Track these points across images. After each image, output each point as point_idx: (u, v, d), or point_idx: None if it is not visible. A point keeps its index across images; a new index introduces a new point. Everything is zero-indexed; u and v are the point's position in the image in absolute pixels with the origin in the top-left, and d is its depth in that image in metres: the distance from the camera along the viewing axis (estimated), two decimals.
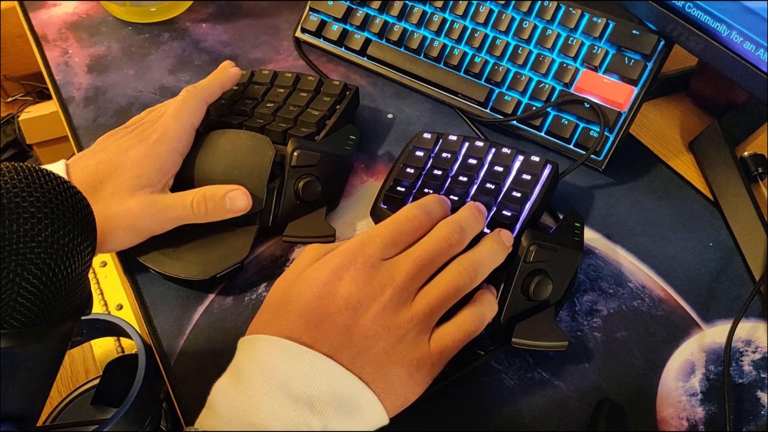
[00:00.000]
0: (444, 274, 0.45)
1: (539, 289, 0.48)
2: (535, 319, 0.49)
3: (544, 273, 0.49)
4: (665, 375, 0.49)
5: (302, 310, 0.41)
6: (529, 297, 0.49)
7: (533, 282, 0.49)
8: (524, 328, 0.48)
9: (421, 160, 0.57)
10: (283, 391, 0.38)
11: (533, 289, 0.48)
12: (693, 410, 0.48)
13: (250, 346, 0.41)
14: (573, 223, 0.53)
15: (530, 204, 0.53)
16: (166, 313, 0.54)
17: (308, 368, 0.39)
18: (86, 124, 0.69)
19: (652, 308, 0.53)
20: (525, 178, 0.54)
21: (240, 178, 0.55)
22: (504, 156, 0.56)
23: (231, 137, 0.58)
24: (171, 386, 0.51)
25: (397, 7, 0.68)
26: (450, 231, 0.45)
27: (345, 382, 0.40)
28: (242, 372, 0.40)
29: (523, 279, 0.49)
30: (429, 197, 0.49)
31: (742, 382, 0.49)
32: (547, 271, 0.49)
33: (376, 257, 0.43)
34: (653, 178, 0.61)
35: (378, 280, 0.43)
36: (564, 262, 0.50)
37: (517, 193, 0.53)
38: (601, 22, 0.60)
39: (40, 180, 0.36)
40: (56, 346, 0.39)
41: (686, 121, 0.66)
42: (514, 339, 0.48)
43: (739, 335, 0.51)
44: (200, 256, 0.54)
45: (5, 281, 0.34)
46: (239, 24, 0.78)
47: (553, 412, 0.48)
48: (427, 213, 0.46)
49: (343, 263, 0.43)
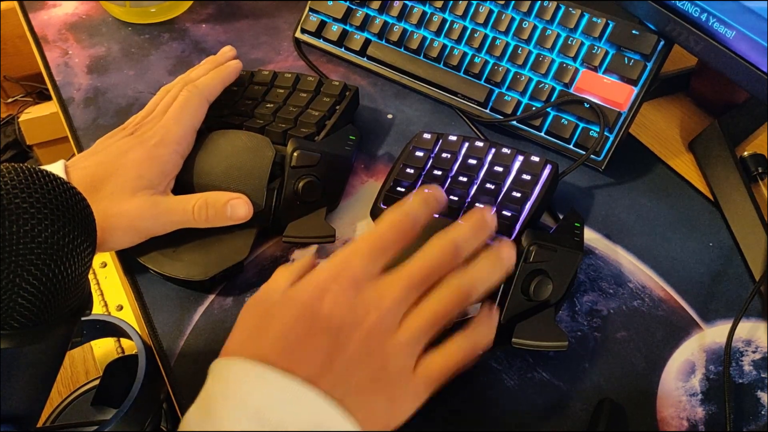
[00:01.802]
0: (433, 296, 0.41)
1: (539, 290, 0.48)
2: (535, 320, 0.48)
3: (544, 273, 0.49)
4: (665, 375, 0.49)
5: (280, 331, 0.38)
6: (529, 297, 0.49)
7: (533, 282, 0.49)
8: (524, 328, 0.48)
9: (420, 161, 0.57)
10: (258, 422, 0.35)
11: (533, 289, 0.48)
12: (693, 410, 0.48)
13: (223, 373, 0.38)
14: (573, 223, 0.53)
15: (530, 204, 0.53)
16: (166, 314, 0.54)
17: (285, 397, 0.36)
18: (86, 124, 0.69)
19: (652, 308, 0.53)
20: (525, 178, 0.54)
21: (240, 179, 0.55)
22: (504, 156, 0.56)
23: (231, 138, 0.58)
24: (171, 387, 0.51)
25: (397, 8, 0.68)
26: (442, 250, 0.41)
27: (324, 412, 0.36)
28: (213, 406, 0.37)
29: (523, 279, 0.49)
30: (412, 196, 0.43)
31: (742, 382, 0.49)
32: (547, 271, 0.49)
33: (360, 275, 0.40)
34: (653, 178, 0.61)
35: (362, 302, 0.39)
36: (564, 262, 0.50)
37: (517, 193, 0.53)
38: (600, 22, 0.60)
39: (40, 181, 0.36)
40: (56, 347, 0.39)
41: (686, 121, 0.66)
42: (515, 339, 0.48)
43: (739, 335, 0.51)
44: (200, 257, 0.54)
45: (5, 282, 0.34)
46: (239, 24, 0.78)
47: (553, 412, 0.48)
48: (411, 216, 0.42)
49: (325, 282, 0.39)
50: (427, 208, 0.43)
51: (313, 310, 0.39)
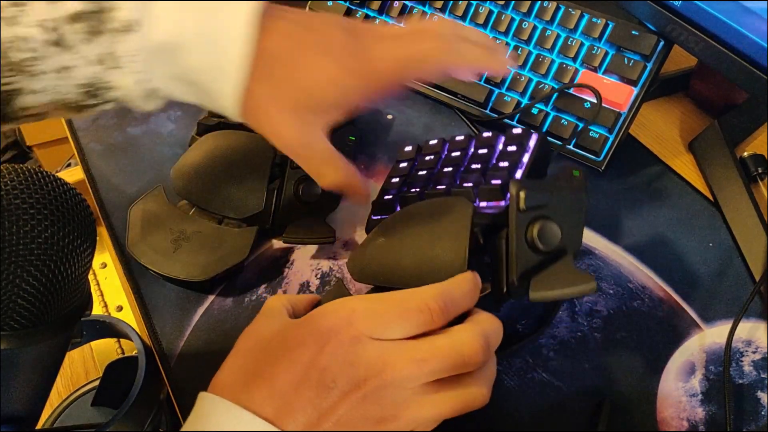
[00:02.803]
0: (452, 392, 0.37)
1: (545, 236, 0.42)
2: (553, 270, 0.42)
3: (546, 218, 0.43)
4: (665, 375, 0.49)
5: (272, 377, 0.36)
6: (536, 248, 0.42)
7: (534, 229, 0.42)
8: (541, 280, 0.42)
9: (405, 169, 0.56)
10: None
11: (538, 236, 0.42)
12: (693, 410, 0.48)
13: (207, 410, 0.36)
14: (570, 172, 0.48)
15: (521, 173, 0.50)
16: (166, 315, 0.54)
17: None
18: (86, 125, 0.69)
19: (652, 308, 0.53)
20: (511, 149, 0.52)
21: (240, 179, 0.55)
22: (486, 139, 0.54)
23: (231, 139, 0.58)
24: (171, 387, 0.51)
25: (397, 8, 0.68)
26: (473, 347, 0.36)
27: None
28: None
29: (524, 230, 0.42)
30: (458, 282, 0.40)
31: (742, 383, 0.49)
32: (549, 216, 0.43)
33: (364, 334, 0.36)
34: (653, 178, 0.61)
35: (363, 363, 0.35)
36: (568, 205, 0.44)
37: (505, 163, 0.50)
38: (600, 22, 0.60)
39: (40, 182, 0.36)
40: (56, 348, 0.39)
41: (686, 122, 0.66)
42: (532, 293, 0.42)
43: (739, 335, 0.51)
44: (200, 257, 0.54)
45: (5, 283, 0.34)
46: None
47: (553, 413, 0.48)
48: (445, 311, 0.38)
49: (324, 331, 0.36)
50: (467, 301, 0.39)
51: (309, 359, 0.36)
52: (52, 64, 0.39)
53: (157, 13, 0.38)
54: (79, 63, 0.39)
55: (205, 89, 0.40)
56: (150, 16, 0.38)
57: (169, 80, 0.40)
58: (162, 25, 0.38)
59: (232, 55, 0.39)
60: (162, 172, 0.63)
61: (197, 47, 0.39)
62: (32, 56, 0.38)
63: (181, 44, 0.39)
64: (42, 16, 0.38)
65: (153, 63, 0.39)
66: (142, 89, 0.40)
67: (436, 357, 0.36)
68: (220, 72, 0.39)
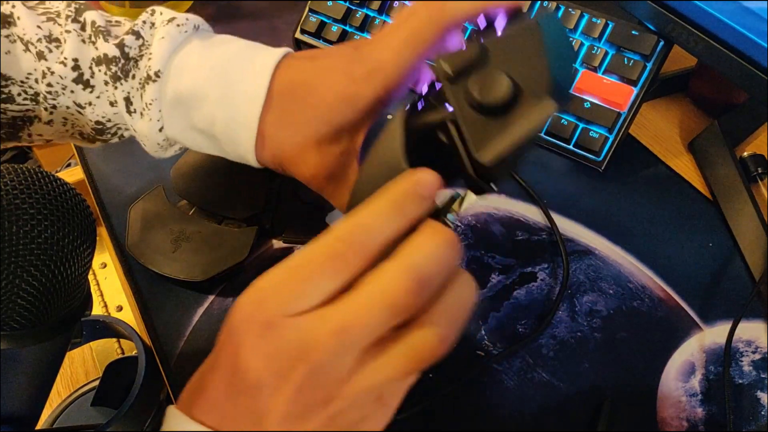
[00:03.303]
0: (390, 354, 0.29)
1: (488, 88, 0.32)
2: (512, 117, 0.32)
3: (481, 69, 0.33)
4: (665, 375, 0.49)
5: (206, 388, 0.31)
6: (484, 107, 0.32)
7: (474, 89, 0.32)
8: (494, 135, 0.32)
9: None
10: None
11: (479, 94, 0.32)
12: (693, 410, 0.48)
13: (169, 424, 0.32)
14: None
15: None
16: (166, 315, 0.54)
17: None
18: None
19: (652, 308, 0.53)
20: None
21: (240, 179, 0.55)
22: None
23: None
24: (171, 387, 0.51)
25: (397, 9, 0.68)
26: (397, 292, 0.28)
27: None
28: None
29: (463, 95, 0.33)
30: (368, 206, 0.30)
31: (742, 383, 0.49)
32: (487, 66, 0.33)
33: (277, 314, 0.29)
34: (653, 178, 0.61)
35: (282, 352, 0.28)
36: (515, 44, 0.34)
37: None
38: (600, 22, 0.60)
39: (40, 182, 0.36)
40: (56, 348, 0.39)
41: (686, 122, 0.66)
42: (482, 156, 0.32)
43: (739, 335, 0.51)
44: (200, 257, 0.54)
45: (5, 283, 0.34)
46: (239, 25, 0.78)
47: (553, 412, 0.48)
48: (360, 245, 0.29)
49: (238, 324, 0.30)
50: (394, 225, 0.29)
51: (232, 360, 0.30)
52: (73, 99, 0.43)
53: (180, 66, 0.42)
54: (99, 102, 0.43)
55: (225, 140, 0.43)
56: (171, 67, 0.42)
57: (187, 131, 0.44)
58: (184, 80, 0.42)
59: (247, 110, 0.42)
60: (162, 172, 0.63)
61: (214, 102, 0.42)
62: (55, 90, 0.43)
63: (199, 97, 0.42)
64: (73, 55, 0.42)
65: (170, 112, 0.43)
66: (157, 134, 0.44)
67: (358, 319, 0.28)
68: (235, 124, 0.42)
